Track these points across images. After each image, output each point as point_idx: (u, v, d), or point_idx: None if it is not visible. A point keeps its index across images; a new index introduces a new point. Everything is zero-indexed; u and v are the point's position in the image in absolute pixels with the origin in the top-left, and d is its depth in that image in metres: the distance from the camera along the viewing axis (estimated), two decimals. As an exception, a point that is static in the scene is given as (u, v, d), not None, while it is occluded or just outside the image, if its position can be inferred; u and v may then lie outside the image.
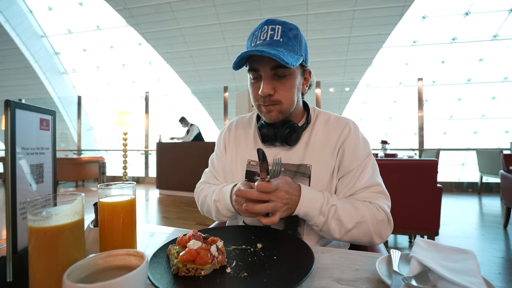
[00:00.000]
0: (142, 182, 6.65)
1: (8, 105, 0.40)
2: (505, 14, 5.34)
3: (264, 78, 0.68)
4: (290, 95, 0.71)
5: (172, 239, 0.58)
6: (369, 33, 5.34)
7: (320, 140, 0.77)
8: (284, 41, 0.67)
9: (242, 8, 5.04)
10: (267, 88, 0.68)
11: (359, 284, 0.44)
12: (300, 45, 0.70)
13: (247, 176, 0.80)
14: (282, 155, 0.78)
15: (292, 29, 0.69)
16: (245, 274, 0.46)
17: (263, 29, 0.68)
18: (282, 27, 0.68)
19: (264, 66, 0.68)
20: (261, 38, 0.68)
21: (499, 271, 1.87)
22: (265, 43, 0.67)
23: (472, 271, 0.41)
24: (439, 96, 7.15)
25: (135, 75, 8.11)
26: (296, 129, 0.75)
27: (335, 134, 0.76)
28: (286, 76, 0.69)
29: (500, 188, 3.12)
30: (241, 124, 0.90)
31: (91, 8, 6.60)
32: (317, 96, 6.00)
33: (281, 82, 0.69)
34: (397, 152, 4.62)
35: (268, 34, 0.67)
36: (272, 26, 0.68)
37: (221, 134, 0.92)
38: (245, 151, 0.83)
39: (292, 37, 0.68)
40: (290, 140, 0.74)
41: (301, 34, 0.71)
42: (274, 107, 0.71)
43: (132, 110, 4.96)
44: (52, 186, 0.51)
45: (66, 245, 0.39)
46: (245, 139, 0.86)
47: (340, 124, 0.77)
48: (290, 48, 0.67)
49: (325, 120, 0.80)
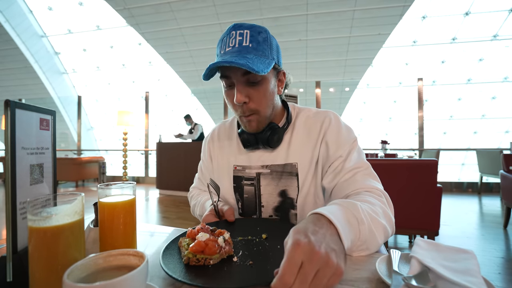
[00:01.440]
0: (142, 182, 6.65)
1: (8, 105, 0.40)
2: (505, 14, 5.34)
3: (237, 85, 0.67)
4: (265, 101, 0.70)
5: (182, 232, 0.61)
6: (369, 33, 5.34)
7: (302, 137, 0.77)
8: (254, 46, 0.65)
9: (242, 8, 5.04)
10: (241, 96, 0.66)
11: (359, 284, 0.44)
12: (270, 48, 0.68)
13: (234, 182, 0.82)
14: (266, 157, 0.78)
15: (261, 32, 0.67)
16: (250, 262, 0.48)
17: (231, 34, 0.66)
18: (250, 31, 0.66)
19: (235, 73, 0.66)
20: (229, 45, 0.66)
21: (499, 271, 1.87)
22: (234, 50, 0.65)
23: (472, 271, 0.41)
24: (439, 96, 7.15)
25: (135, 75, 8.11)
26: (276, 130, 0.74)
27: (316, 127, 0.76)
28: (259, 82, 0.67)
29: (500, 188, 3.12)
30: (223, 130, 0.90)
31: (91, 8, 6.60)
32: (317, 96, 6.00)
33: (255, 89, 0.68)
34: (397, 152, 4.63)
35: (237, 40, 0.65)
36: (240, 31, 0.66)
37: (205, 142, 0.93)
38: (230, 157, 0.84)
39: (261, 41, 0.67)
40: (272, 142, 0.74)
41: (271, 36, 0.69)
42: (252, 117, 0.71)
43: (132, 110, 4.96)
44: (52, 186, 0.51)
45: (66, 245, 0.39)
46: (228, 145, 0.86)
47: (320, 118, 0.78)
48: (260, 53, 0.66)
49: (305, 116, 0.80)
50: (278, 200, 0.77)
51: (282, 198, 0.77)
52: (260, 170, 0.79)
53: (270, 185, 0.78)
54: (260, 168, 0.79)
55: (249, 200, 0.80)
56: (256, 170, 0.79)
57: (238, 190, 0.81)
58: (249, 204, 0.80)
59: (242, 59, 0.61)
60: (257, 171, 0.79)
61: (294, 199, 0.75)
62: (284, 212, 0.77)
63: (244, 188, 0.80)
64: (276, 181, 0.77)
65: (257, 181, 0.79)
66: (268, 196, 0.78)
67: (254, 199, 0.79)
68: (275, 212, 0.78)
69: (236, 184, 0.81)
